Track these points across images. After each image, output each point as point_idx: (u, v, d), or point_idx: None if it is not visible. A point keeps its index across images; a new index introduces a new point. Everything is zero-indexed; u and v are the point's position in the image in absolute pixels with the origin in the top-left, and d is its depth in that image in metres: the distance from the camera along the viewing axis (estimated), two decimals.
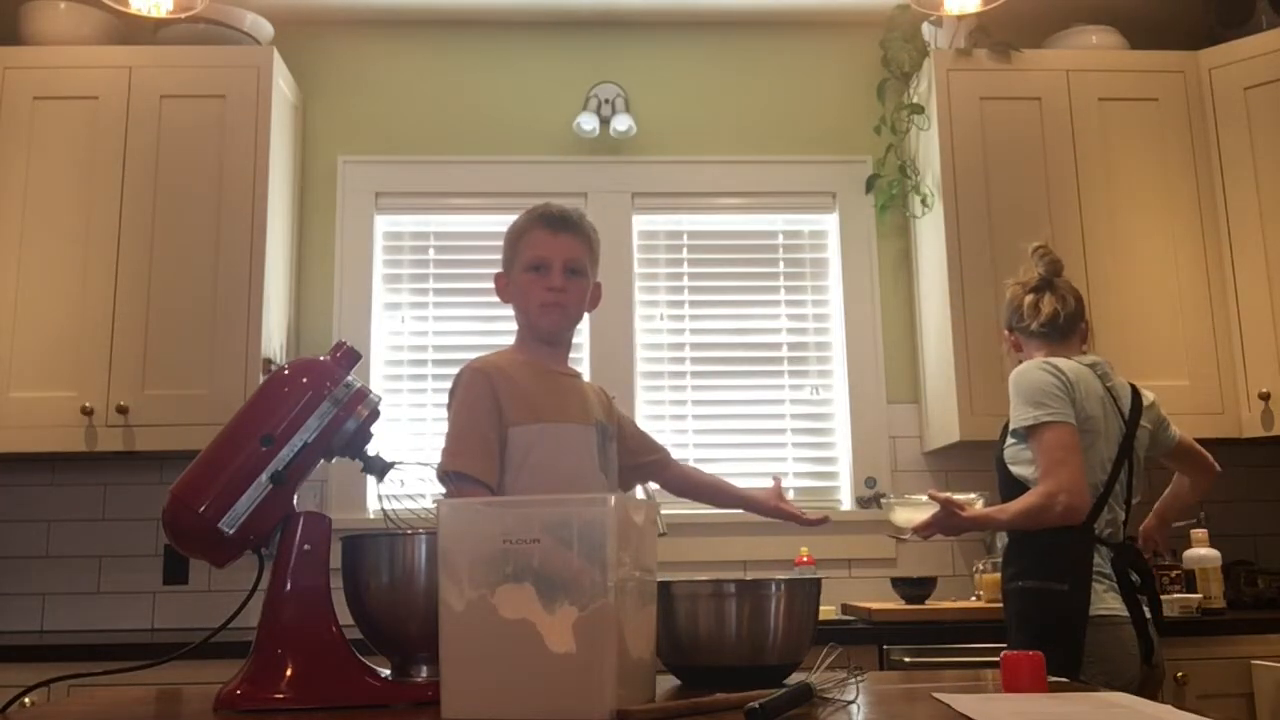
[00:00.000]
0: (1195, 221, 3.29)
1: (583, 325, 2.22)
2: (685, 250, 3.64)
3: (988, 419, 2.95)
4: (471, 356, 2.13)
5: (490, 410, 2.01)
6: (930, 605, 3.03)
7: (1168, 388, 2.92)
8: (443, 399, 2.19)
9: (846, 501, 3.47)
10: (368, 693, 1.36)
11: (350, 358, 1.50)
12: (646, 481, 2.46)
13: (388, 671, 1.42)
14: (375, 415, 1.49)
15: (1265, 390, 3.13)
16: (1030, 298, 2.56)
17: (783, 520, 2.34)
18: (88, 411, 2.99)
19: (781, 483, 2.39)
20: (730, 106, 3.69)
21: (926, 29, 3.51)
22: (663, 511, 2.95)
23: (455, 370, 2.10)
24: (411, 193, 3.59)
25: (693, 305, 3.60)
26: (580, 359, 3.43)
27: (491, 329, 3.43)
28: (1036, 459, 2.37)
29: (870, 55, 3.64)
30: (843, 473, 3.51)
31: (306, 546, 1.39)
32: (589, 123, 3.56)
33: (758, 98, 3.70)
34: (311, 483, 2.79)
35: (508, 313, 2.19)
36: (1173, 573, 2.99)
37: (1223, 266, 3.27)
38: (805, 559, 3.20)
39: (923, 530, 2.49)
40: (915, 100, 3.48)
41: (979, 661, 2.67)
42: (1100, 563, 2.35)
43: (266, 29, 3.41)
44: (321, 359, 1.49)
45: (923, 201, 3.41)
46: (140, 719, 1.33)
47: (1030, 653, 1.39)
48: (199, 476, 1.39)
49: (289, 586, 1.38)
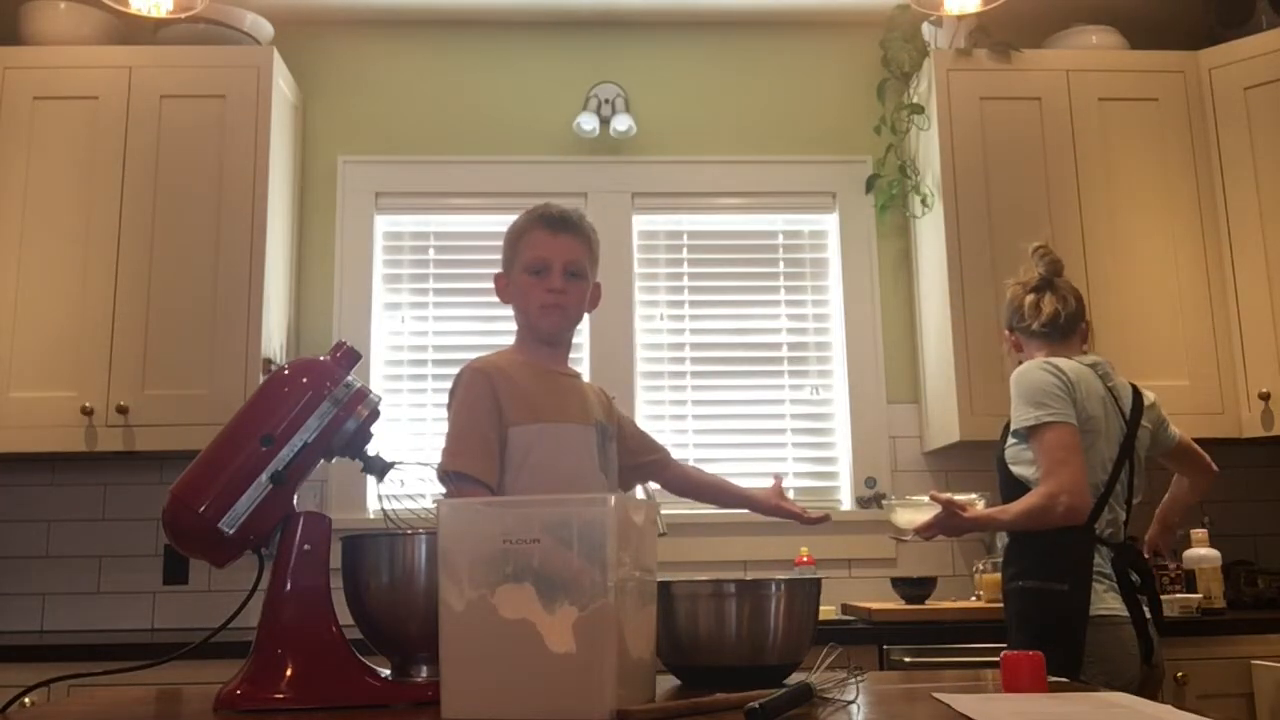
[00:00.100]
0: (1195, 221, 3.29)
1: (583, 325, 2.23)
2: (685, 250, 3.64)
3: (988, 419, 2.96)
4: (471, 356, 2.13)
5: (490, 410, 2.01)
6: (930, 605, 3.03)
7: (1168, 388, 2.92)
8: (443, 399, 2.19)
9: (846, 501, 3.47)
10: (368, 693, 1.36)
11: (350, 358, 1.50)
12: (646, 481, 2.46)
13: (388, 671, 1.42)
14: (375, 415, 1.49)
15: (1265, 390, 3.13)
16: (1031, 298, 2.56)
17: (784, 519, 2.34)
18: (88, 411, 2.99)
19: (782, 482, 2.39)
20: (730, 106, 3.69)
21: (926, 29, 3.51)
22: (663, 511, 2.95)
23: (455, 370, 2.10)
24: (411, 193, 3.59)
25: (693, 305, 3.60)
26: (580, 359, 3.43)
27: (491, 329, 3.43)
28: (1038, 459, 2.37)
29: (870, 55, 3.64)
30: (843, 473, 3.51)
31: (306, 546, 1.40)
32: (589, 123, 3.56)
33: (758, 98, 3.70)
34: (311, 483, 2.79)
35: (508, 313, 2.19)
36: (1173, 572, 3.00)
37: (1223, 266, 3.27)
38: (805, 559, 3.20)
39: (924, 531, 2.49)
40: (915, 100, 3.48)
41: (979, 661, 2.67)
42: (1101, 563, 2.34)
43: (266, 29, 3.41)
44: (321, 359, 1.49)
45: (923, 201, 3.41)
46: (140, 719, 1.33)
47: (1030, 653, 1.39)
48: (199, 476, 1.39)
49: (289, 586, 1.38)
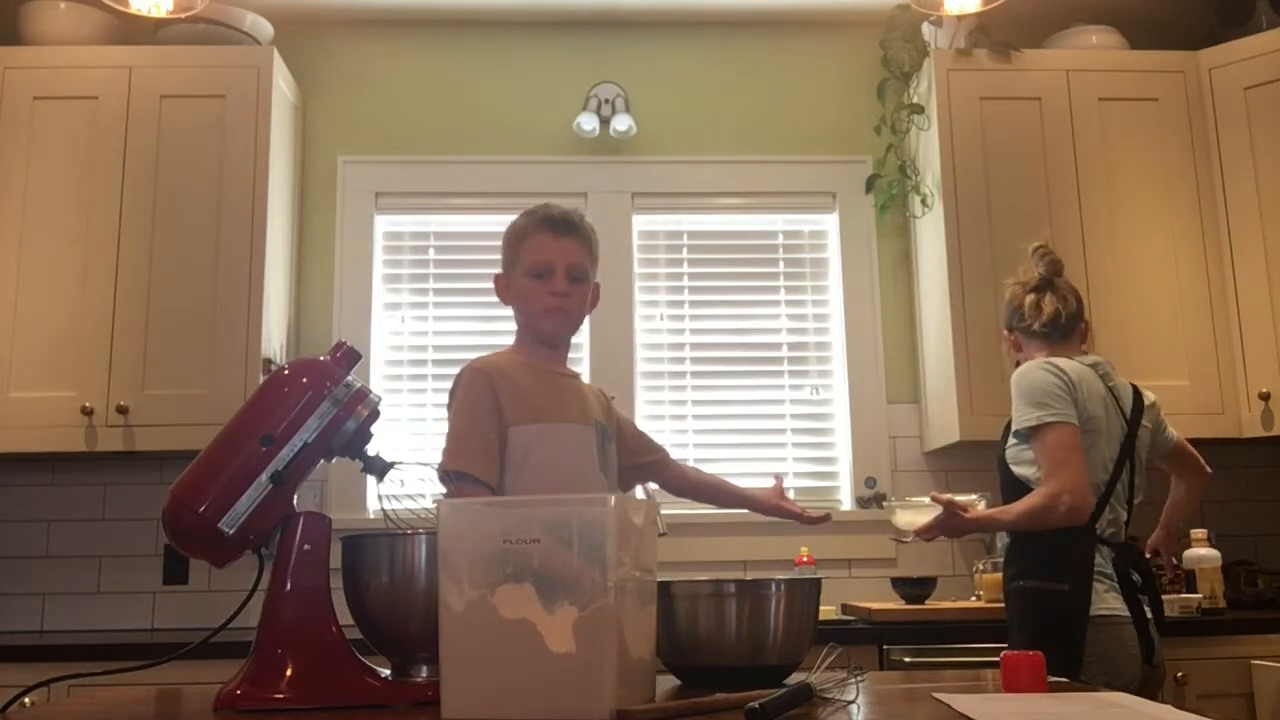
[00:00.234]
0: (1195, 221, 3.29)
1: (583, 325, 2.22)
2: (685, 250, 3.64)
3: (988, 419, 2.96)
4: (471, 356, 2.13)
5: (490, 410, 2.01)
6: (930, 605, 3.03)
7: (1168, 388, 2.92)
8: (443, 399, 2.19)
9: (846, 501, 3.47)
10: (368, 693, 1.36)
11: (350, 358, 1.50)
12: (646, 482, 2.46)
13: (388, 671, 1.42)
14: (375, 415, 1.49)
15: (1265, 390, 3.13)
16: (1031, 298, 2.56)
17: (784, 519, 2.34)
18: (88, 411, 2.99)
19: (783, 482, 2.39)
20: (730, 106, 3.68)
21: (926, 29, 3.51)
22: (663, 511, 2.95)
23: (455, 370, 2.10)
24: (411, 193, 3.59)
25: (693, 305, 3.60)
26: (580, 359, 3.43)
27: (491, 329, 3.43)
28: (1039, 459, 2.37)
29: (870, 55, 3.64)
30: (843, 473, 3.51)
31: (306, 546, 1.40)
32: (589, 123, 3.56)
33: (758, 98, 3.69)
34: (311, 483, 2.79)
35: (508, 313, 2.18)
36: (1171, 573, 2.99)
37: (1223, 266, 3.27)
38: (805, 559, 3.20)
39: (925, 533, 2.49)
40: (915, 100, 3.48)
41: (979, 661, 2.67)
42: (1101, 563, 2.34)
43: (266, 29, 3.41)
44: (321, 359, 1.49)
45: (923, 201, 3.41)
46: (140, 719, 1.33)
47: (1030, 653, 1.39)
48: (199, 476, 1.39)
49: (289, 586, 1.38)
